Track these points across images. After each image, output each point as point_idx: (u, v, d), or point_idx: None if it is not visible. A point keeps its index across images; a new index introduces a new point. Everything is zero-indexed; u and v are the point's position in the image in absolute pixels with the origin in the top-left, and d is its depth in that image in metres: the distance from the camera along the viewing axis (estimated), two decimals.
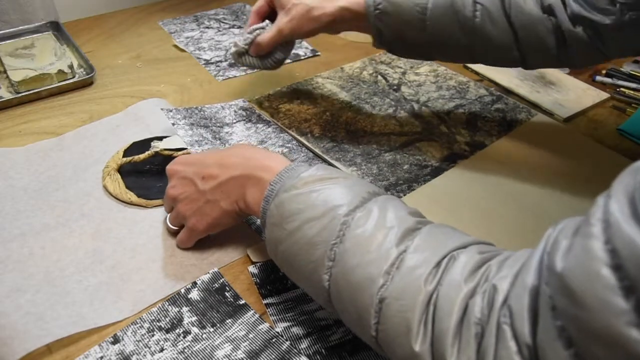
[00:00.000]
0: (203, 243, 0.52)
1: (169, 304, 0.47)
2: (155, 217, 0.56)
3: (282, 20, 0.63)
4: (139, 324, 0.46)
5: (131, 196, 0.57)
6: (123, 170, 0.60)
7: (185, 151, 0.61)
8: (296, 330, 0.46)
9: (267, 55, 0.66)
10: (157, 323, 0.46)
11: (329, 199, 0.40)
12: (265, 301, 0.48)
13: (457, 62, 0.70)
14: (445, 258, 0.35)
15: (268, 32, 0.64)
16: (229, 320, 0.46)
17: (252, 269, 0.51)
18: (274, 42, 0.64)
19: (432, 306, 0.33)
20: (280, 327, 0.46)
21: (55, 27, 0.86)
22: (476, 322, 0.31)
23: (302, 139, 0.68)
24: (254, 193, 0.45)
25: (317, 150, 0.67)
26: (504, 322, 0.29)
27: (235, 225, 0.51)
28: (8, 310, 0.45)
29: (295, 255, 0.40)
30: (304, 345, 0.44)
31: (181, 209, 0.50)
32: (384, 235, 0.37)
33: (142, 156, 0.60)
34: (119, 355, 0.43)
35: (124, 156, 0.61)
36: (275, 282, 0.50)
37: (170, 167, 0.52)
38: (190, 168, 0.50)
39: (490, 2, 0.58)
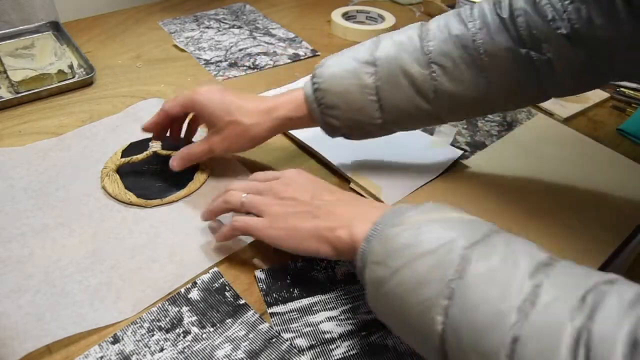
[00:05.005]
0: (203, 243, 0.53)
1: (169, 304, 0.47)
2: (155, 217, 0.56)
3: (213, 138, 0.57)
4: (139, 324, 0.46)
5: (130, 197, 0.57)
6: (122, 171, 0.60)
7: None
8: (299, 342, 0.45)
9: None
10: (157, 323, 0.46)
11: (442, 235, 0.36)
12: (270, 310, 0.47)
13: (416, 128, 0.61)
14: (591, 293, 0.30)
15: (198, 144, 0.58)
16: (229, 320, 0.46)
17: (259, 274, 0.50)
18: (204, 158, 0.59)
19: (583, 347, 0.28)
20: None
21: (55, 27, 0.86)
22: None
23: (303, 141, 0.68)
24: (361, 227, 0.42)
25: (322, 154, 0.66)
26: None
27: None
28: (8, 311, 0.45)
29: (400, 296, 0.36)
30: (305, 359, 0.44)
31: (279, 207, 0.48)
32: (514, 269, 0.32)
33: (140, 156, 0.60)
34: (119, 355, 0.43)
35: (122, 157, 0.61)
36: (281, 290, 0.49)
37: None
38: (312, 184, 0.49)
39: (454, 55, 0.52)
